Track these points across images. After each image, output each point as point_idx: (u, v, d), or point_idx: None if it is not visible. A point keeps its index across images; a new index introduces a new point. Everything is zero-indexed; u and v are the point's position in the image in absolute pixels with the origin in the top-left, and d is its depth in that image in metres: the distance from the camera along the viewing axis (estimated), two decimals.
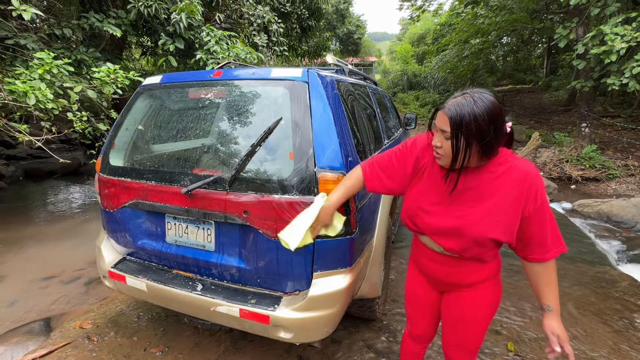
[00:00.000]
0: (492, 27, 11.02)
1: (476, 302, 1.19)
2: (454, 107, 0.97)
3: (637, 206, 4.70)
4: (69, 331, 2.27)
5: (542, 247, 1.06)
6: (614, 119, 9.52)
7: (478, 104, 0.95)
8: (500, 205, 1.02)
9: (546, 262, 1.07)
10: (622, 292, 2.71)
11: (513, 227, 1.03)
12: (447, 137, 0.99)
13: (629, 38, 5.20)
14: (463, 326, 1.23)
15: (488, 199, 1.04)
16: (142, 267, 1.81)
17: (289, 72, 1.60)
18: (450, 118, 0.97)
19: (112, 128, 1.93)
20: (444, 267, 1.19)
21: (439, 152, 1.04)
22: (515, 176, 1.02)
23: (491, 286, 1.19)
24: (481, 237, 1.03)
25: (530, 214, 1.02)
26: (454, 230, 1.07)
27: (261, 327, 1.48)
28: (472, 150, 0.98)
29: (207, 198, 1.54)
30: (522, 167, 1.03)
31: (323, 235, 1.43)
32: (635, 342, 2.15)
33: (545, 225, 1.04)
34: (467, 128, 0.95)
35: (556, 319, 1.10)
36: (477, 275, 1.16)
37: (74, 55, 4.59)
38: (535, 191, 1.01)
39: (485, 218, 1.03)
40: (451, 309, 1.25)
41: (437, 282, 1.25)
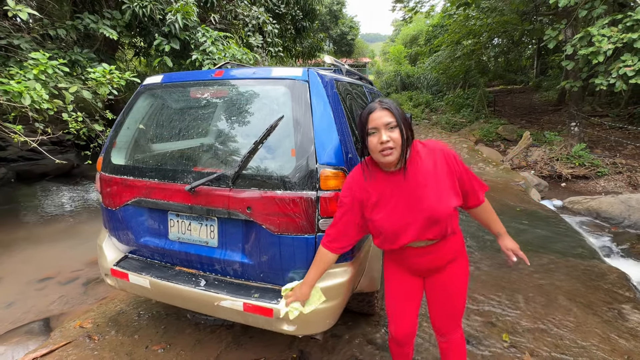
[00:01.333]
0: (483, 29, 11.21)
1: (459, 273, 1.40)
2: (385, 104, 1.19)
3: (625, 203, 4.84)
4: (69, 331, 2.27)
5: (475, 194, 1.34)
6: (602, 118, 9.75)
7: (392, 101, 1.22)
8: (442, 180, 1.24)
9: (483, 203, 1.37)
10: (611, 285, 2.81)
11: (457, 190, 1.27)
12: (392, 126, 1.16)
13: (615, 39, 5.35)
14: (451, 298, 1.41)
15: (433, 181, 1.23)
16: (145, 264, 1.83)
17: (289, 72, 1.64)
18: (390, 109, 1.17)
19: (113, 127, 1.95)
20: (431, 255, 1.33)
21: (390, 145, 1.16)
22: (437, 154, 1.27)
23: (463, 259, 1.42)
24: (449, 210, 1.23)
25: (459, 176, 1.28)
26: (430, 221, 1.22)
27: (265, 320, 1.51)
28: (410, 137, 1.20)
29: (211, 195, 1.57)
30: (436, 146, 1.29)
31: (325, 230, 1.47)
32: (624, 331, 2.23)
33: (470, 179, 1.32)
34: (401, 115, 1.18)
35: (507, 238, 1.42)
36: (454, 250, 1.36)
37: (69, 56, 4.56)
38: (454, 158, 1.27)
39: (442, 195, 1.22)
40: (438, 288, 1.40)
41: (422, 271, 1.39)
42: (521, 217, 4.45)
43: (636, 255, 3.66)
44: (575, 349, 2.07)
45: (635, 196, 4.96)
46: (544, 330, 2.24)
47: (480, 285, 2.76)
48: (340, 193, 1.36)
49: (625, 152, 7.70)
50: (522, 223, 4.23)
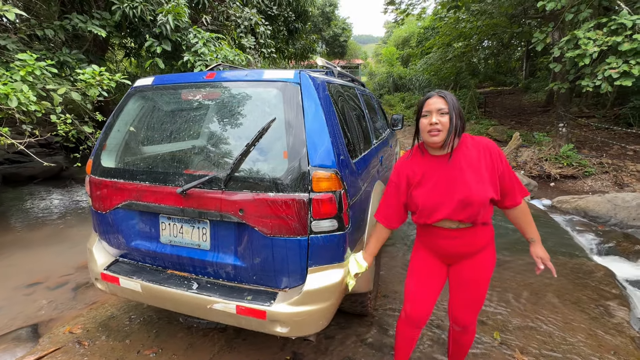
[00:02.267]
0: (473, 31, 11.38)
1: (485, 264, 1.46)
2: (443, 93, 1.34)
3: (611, 202, 4.96)
4: (58, 336, 2.23)
5: (513, 194, 1.40)
6: (589, 119, 9.97)
7: (451, 94, 1.36)
8: (483, 171, 1.34)
9: (519, 206, 1.42)
10: (598, 282, 2.87)
11: (497, 186, 1.35)
12: (443, 112, 1.31)
13: (601, 42, 5.48)
14: (476, 287, 1.48)
15: (474, 169, 1.34)
16: (136, 268, 1.81)
17: (281, 74, 1.65)
18: (446, 97, 1.33)
19: (103, 130, 1.93)
20: (461, 240, 1.41)
21: (438, 128, 1.31)
22: (482, 148, 1.37)
23: (492, 248, 1.48)
24: (484, 199, 1.31)
25: (501, 173, 1.36)
26: (464, 203, 1.32)
27: (258, 322, 1.51)
28: (458, 124, 1.32)
29: (203, 197, 1.56)
30: (483, 141, 1.39)
31: (317, 231, 1.48)
32: (610, 328, 2.29)
33: (512, 179, 1.39)
34: (455, 105, 1.32)
35: (539, 246, 1.45)
36: (485, 239, 1.43)
37: (57, 57, 4.49)
38: (498, 155, 1.36)
39: (480, 184, 1.32)
40: (465, 275, 1.47)
41: (451, 256, 1.47)
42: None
43: (622, 252, 3.75)
44: (564, 345, 2.11)
45: (621, 195, 5.08)
46: (534, 327, 2.29)
47: None
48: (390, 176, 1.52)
49: (611, 152, 7.89)
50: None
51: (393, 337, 2.19)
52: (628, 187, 6.27)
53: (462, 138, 1.38)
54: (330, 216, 1.48)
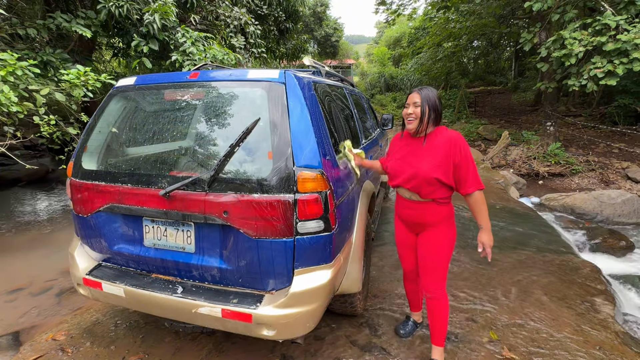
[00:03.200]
0: (463, 31, 11.49)
1: (440, 236, 1.75)
2: (421, 90, 1.70)
3: (597, 199, 5.05)
4: (40, 344, 2.17)
5: (466, 184, 1.63)
6: (575, 117, 10.16)
7: (431, 90, 1.69)
8: (438, 156, 1.63)
9: (473, 195, 1.63)
10: (584, 278, 2.91)
11: (448, 171, 1.62)
12: (417, 105, 1.66)
13: (586, 42, 5.59)
14: (432, 255, 1.77)
15: (432, 153, 1.65)
16: (119, 272, 1.77)
17: (266, 74, 1.63)
18: (421, 93, 1.68)
19: (84, 131, 1.88)
20: (413, 210, 1.77)
21: (412, 117, 1.68)
22: (446, 138, 1.65)
23: (446, 226, 1.76)
24: (428, 176, 1.63)
25: (457, 163, 1.61)
26: (412, 174, 1.68)
27: (244, 326, 1.49)
28: (429, 115, 1.65)
29: (186, 199, 1.53)
30: (451, 134, 1.66)
31: (304, 232, 1.46)
32: (596, 323, 2.32)
33: (467, 171, 1.62)
34: (429, 100, 1.65)
35: (484, 233, 1.66)
36: (436, 214, 1.72)
37: (40, 57, 4.38)
38: (458, 147, 1.61)
39: (430, 164, 1.64)
40: (421, 244, 1.81)
41: (411, 224, 1.83)
42: (500, 215, 4.57)
43: (607, 249, 3.83)
44: (551, 342, 2.14)
45: (607, 192, 5.19)
46: (522, 324, 2.31)
47: (462, 283, 2.81)
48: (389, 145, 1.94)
49: (598, 150, 8.04)
50: (501, 220, 4.34)
51: (384, 337, 2.19)
52: (614, 185, 6.40)
53: (438, 129, 1.70)
54: (316, 217, 1.47)
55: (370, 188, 2.40)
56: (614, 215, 4.82)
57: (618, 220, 4.77)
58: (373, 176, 2.73)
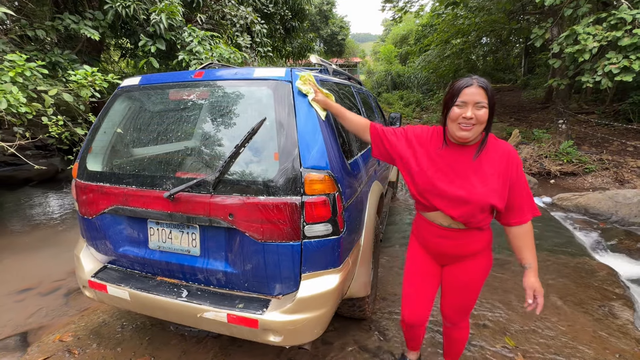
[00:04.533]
0: (472, 28, 11.30)
1: (477, 269, 1.40)
2: (484, 82, 1.19)
3: (612, 199, 4.90)
4: (47, 345, 2.17)
5: (521, 211, 1.28)
6: (588, 115, 9.91)
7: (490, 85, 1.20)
8: (494, 176, 1.24)
9: (524, 225, 1.28)
10: (601, 282, 2.81)
11: (504, 194, 1.24)
12: (481, 106, 1.18)
13: (600, 37, 5.42)
14: (466, 291, 1.44)
15: (484, 171, 1.24)
16: (124, 275, 1.75)
17: (272, 72, 1.59)
18: (487, 90, 1.18)
19: (89, 132, 1.86)
20: (451, 241, 1.35)
21: (471, 122, 1.19)
22: (501, 152, 1.26)
23: (487, 254, 1.41)
24: (484, 203, 1.22)
25: (512, 184, 1.25)
26: (462, 199, 1.25)
27: (249, 331, 1.45)
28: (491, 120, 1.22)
29: (191, 202, 1.50)
30: (505, 145, 1.28)
31: (311, 236, 1.42)
32: (614, 329, 2.23)
33: (523, 193, 1.27)
34: (492, 99, 1.20)
35: (534, 275, 1.29)
36: (478, 244, 1.35)
37: (48, 58, 4.41)
38: (516, 164, 1.26)
39: (485, 187, 1.23)
40: (457, 278, 1.43)
41: (442, 256, 1.42)
42: None
43: (624, 251, 3.70)
44: (567, 349, 2.06)
45: (622, 192, 5.02)
46: (536, 330, 2.23)
47: None
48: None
49: (611, 148, 7.83)
50: None
51: (393, 341, 2.13)
52: (629, 184, 6.21)
53: (489, 137, 1.28)
54: (324, 220, 1.42)
55: (378, 189, 2.34)
56: (629, 215, 4.66)
57: (634, 220, 4.61)
58: (381, 176, 2.67)
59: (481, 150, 1.26)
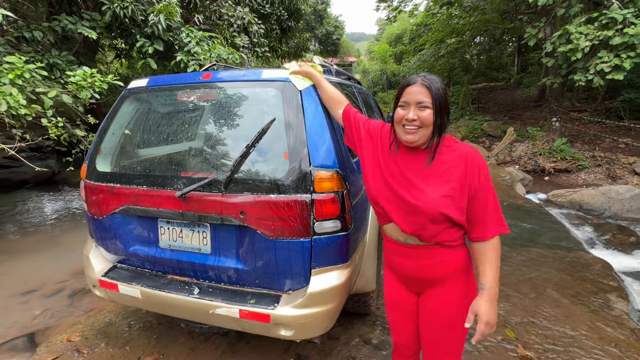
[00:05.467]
0: (466, 27, 11.41)
1: (449, 298, 1.16)
2: (428, 81, 1.07)
3: (605, 194, 5.02)
4: (56, 345, 2.18)
5: (484, 226, 1.10)
6: (581, 113, 10.08)
7: (438, 81, 1.09)
8: (448, 182, 1.08)
9: (486, 241, 1.10)
10: (596, 275, 2.90)
11: (462, 204, 1.08)
12: (423, 106, 1.06)
13: (592, 37, 5.54)
14: (439, 326, 1.19)
15: (439, 177, 1.10)
16: (135, 274, 1.78)
17: (280, 73, 1.62)
18: (430, 88, 1.06)
19: (97, 133, 1.88)
20: (411, 261, 1.18)
21: (415, 124, 1.08)
22: (459, 156, 1.10)
23: (463, 282, 1.16)
24: (434, 213, 1.06)
25: (474, 192, 1.08)
26: (410, 207, 1.10)
27: (261, 326, 1.49)
28: (441, 121, 1.08)
29: (202, 200, 1.53)
30: (465, 148, 1.12)
31: (321, 232, 1.46)
32: (610, 320, 2.31)
33: (487, 204, 1.09)
34: (440, 99, 1.06)
35: (485, 299, 1.08)
36: (446, 266, 1.14)
37: (46, 59, 4.39)
38: (477, 169, 1.08)
39: (436, 194, 1.07)
40: (425, 308, 1.21)
41: (411, 281, 1.23)
42: (508, 212, 4.56)
43: (617, 245, 3.80)
44: (565, 339, 2.13)
45: (615, 188, 5.15)
46: (535, 322, 2.30)
47: None
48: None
49: (604, 145, 7.99)
50: (509, 217, 4.33)
51: None
52: (621, 180, 6.36)
53: (446, 140, 1.13)
54: (333, 217, 1.46)
55: None
56: (622, 211, 4.78)
57: (627, 216, 4.74)
58: None
59: (436, 154, 1.11)
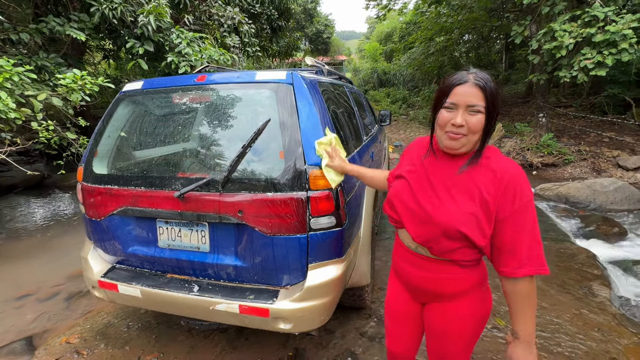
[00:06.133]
0: (454, 26, 11.57)
1: (460, 315, 1.08)
2: (482, 80, 0.91)
3: (590, 187, 5.18)
4: (54, 347, 2.20)
5: (514, 260, 0.93)
6: (566, 108, 10.33)
7: (492, 81, 0.92)
8: (474, 200, 0.95)
9: (517, 279, 0.94)
10: (581, 264, 3.02)
11: (486, 227, 0.94)
12: (475, 110, 0.92)
13: (576, 34, 5.69)
14: (446, 341, 1.12)
15: (465, 190, 0.97)
16: (134, 273, 1.81)
17: (273, 75, 1.67)
18: (485, 89, 0.90)
19: (92, 136, 1.90)
20: (420, 271, 1.09)
21: (461, 132, 0.93)
22: (496, 171, 0.95)
23: (477, 298, 1.07)
24: (449, 228, 0.95)
25: (505, 217, 0.93)
26: (424, 215, 1.00)
27: (261, 320, 1.54)
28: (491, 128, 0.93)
29: (201, 200, 1.57)
30: (505, 165, 0.96)
31: (317, 228, 1.51)
32: (594, 307, 2.42)
33: (521, 233, 0.92)
34: (495, 101, 0.92)
35: (522, 348, 0.96)
36: (458, 284, 1.05)
37: (34, 62, 4.34)
38: (513, 191, 0.92)
39: (457, 208, 0.95)
40: (433, 322, 1.14)
41: (417, 291, 1.15)
42: None
43: (602, 235, 3.94)
44: (552, 325, 2.23)
45: (599, 181, 5.32)
46: None
47: None
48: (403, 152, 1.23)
49: (589, 139, 8.21)
50: None
51: None
52: (605, 173, 6.56)
53: (488, 150, 1.00)
54: (328, 213, 1.52)
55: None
56: (606, 202, 4.95)
57: (611, 207, 4.90)
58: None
59: (472, 163, 0.98)
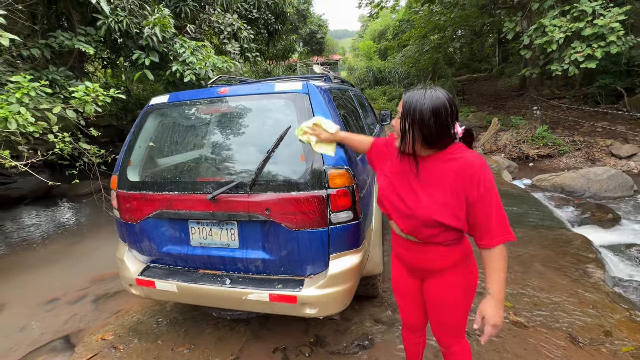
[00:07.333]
0: (447, 23, 11.76)
1: (449, 286, 1.28)
2: (409, 95, 1.15)
3: (584, 176, 5.39)
4: (92, 344, 2.36)
5: (488, 233, 1.13)
6: (560, 100, 10.55)
7: (427, 97, 1.10)
8: (445, 191, 1.13)
9: (491, 249, 1.13)
10: (577, 249, 3.21)
11: (459, 212, 1.13)
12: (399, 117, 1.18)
13: (565, 29, 5.90)
14: (441, 310, 1.33)
15: (436, 185, 1.16)
16: (169, 271, 1.98)
17: (290, 86, 1.85)
18: (404, 102, 1.15)
19: (124, 147, 2.07)
20: (411, 253, 1.30)
21: (395, 131, 1.23)
22: (459, 165, 1.13)
23: (462, 271, 1.27)
24: (428, 219, 1.15)
25: (474, 201, 1.11)
26: (406, 211, 1.21)
27: (289, 306, 1.71)
28: (414, 134, 1.13)
29: (231, 201, 1.75)
30: (467, 157, 1.13)
31: (336, 222, 1.69)
32: (589, 286, 2.61)
33: (489, 214, 1.11)
34: (411, 114, 1.11)
35: (491, 304, 1.14)
36: (444, 260, 1.24)
37: (45, 76, 4.50)
38: (477, 179, 1.10)
39: (432, 202, 1.15)
40: (429, 295, 1.34)
41: (413, 269, 1.35)
42: None
43: (596, 222, 4.15)
44: (550, 305, 2.42)
45: (593, 170, 5.53)
46: (524, 292, 2.58)
47: None
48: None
49: (582, 130, 8.43)
50: None
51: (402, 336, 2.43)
52: (599, 162, 6.77)
53: (449, 150, 1.17)
54: (346, 208, 1.70)
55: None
56: (600, 190, 5.16)
57: (605, 195, 5.11)
58: None
59: (428, 164, 1.18)
